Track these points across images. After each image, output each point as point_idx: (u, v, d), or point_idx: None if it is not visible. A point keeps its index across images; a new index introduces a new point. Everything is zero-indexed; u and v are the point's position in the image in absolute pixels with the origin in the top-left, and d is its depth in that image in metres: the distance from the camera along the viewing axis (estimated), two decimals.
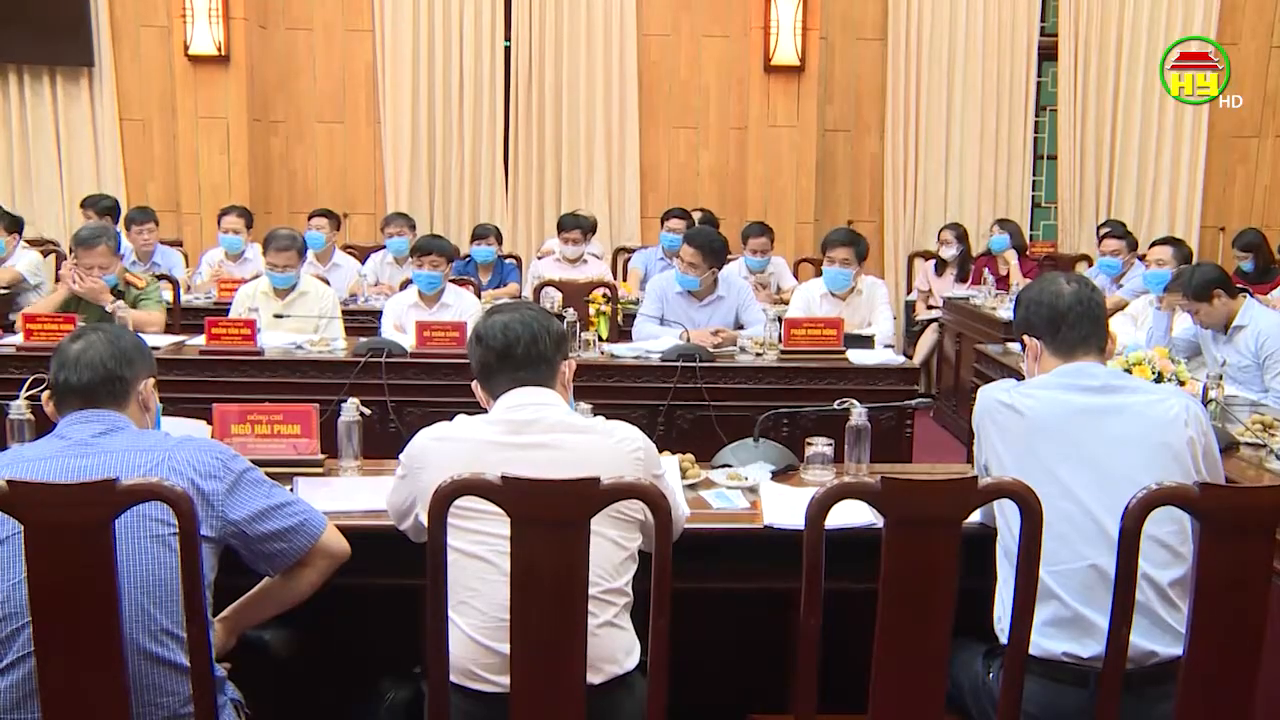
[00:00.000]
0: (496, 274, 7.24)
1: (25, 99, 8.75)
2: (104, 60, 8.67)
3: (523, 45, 8.84)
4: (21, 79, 8.72)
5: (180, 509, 1.93)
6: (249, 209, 7.61)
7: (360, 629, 2.90)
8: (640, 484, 2.01)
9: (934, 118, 8.90)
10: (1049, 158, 9.28)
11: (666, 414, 4.79)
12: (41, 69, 8.70)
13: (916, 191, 9.00)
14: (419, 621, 2.65)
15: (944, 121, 8.91)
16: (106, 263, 5.24)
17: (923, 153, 8.94)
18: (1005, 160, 8.98)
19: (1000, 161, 8.97)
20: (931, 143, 8.94)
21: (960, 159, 8.96)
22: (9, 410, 3.14)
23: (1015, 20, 8.80)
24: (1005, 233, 7.95)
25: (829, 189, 9.02)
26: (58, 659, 1.95)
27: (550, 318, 2.49)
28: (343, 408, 3.19)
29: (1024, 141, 8.98)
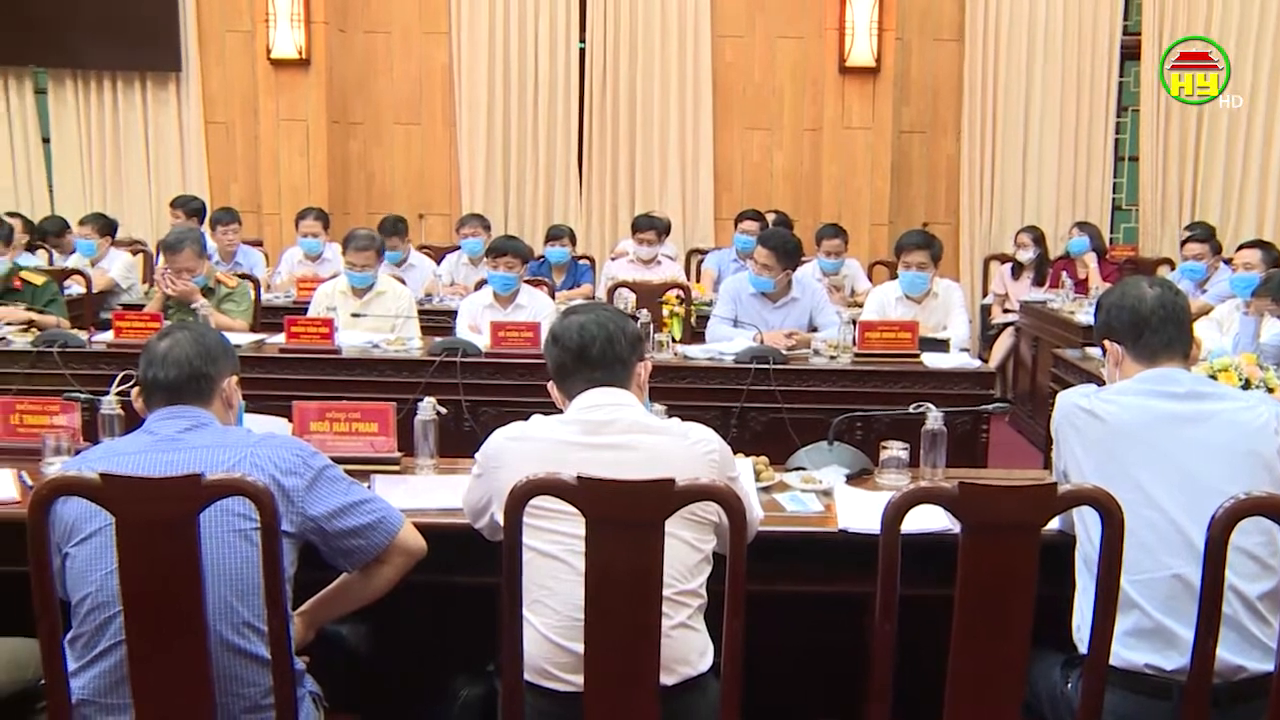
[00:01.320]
0: (570, 275, 7.27)
1: (118, 105, 9.02)
2: (191, 65, 8.89)
3: (597, 46, 8.88)
4: (115, 85, 8.99)
5: (262, 504, 1.97)
6: (327, 210, 7.72)
7: (435, 626, 2.93)
8: (715, 486, 2.00)
9: (1012, 118, 8.78)
10: (1130, 159, 9.10)
11: (739, 416, 4.77)
12: (133, 75, 8.96)
13: (993, 193, 8.89)
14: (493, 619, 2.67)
15: (1022, 122, 8.79)
16: (193, 265, 5.39)
17: (1000, 154, 8.83)
18: (1085, 161, 8.83)
19: (1080, 163, 8.83)
20: (1009, 144, 8.82)
21: (1038, 160, 8.83)
22: (100, 405, 3.21)
23: (1097, 19, 8.65)
24: (1085, 235, 7.80)
25: (903, 191, 8.94)
26: (146, 647, 2.00)
27: (626, 318, 2.49)
28: (419, 406, 3.22)
29: (1104, 142, 8.83)
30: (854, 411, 3.93)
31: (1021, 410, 7.32)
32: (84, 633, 2.12)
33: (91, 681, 2.11)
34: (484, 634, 2.74)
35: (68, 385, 4.34)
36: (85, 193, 9.12)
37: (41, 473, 2.99)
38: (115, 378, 3.31)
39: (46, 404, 3.33)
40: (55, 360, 4.81)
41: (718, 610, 2.04)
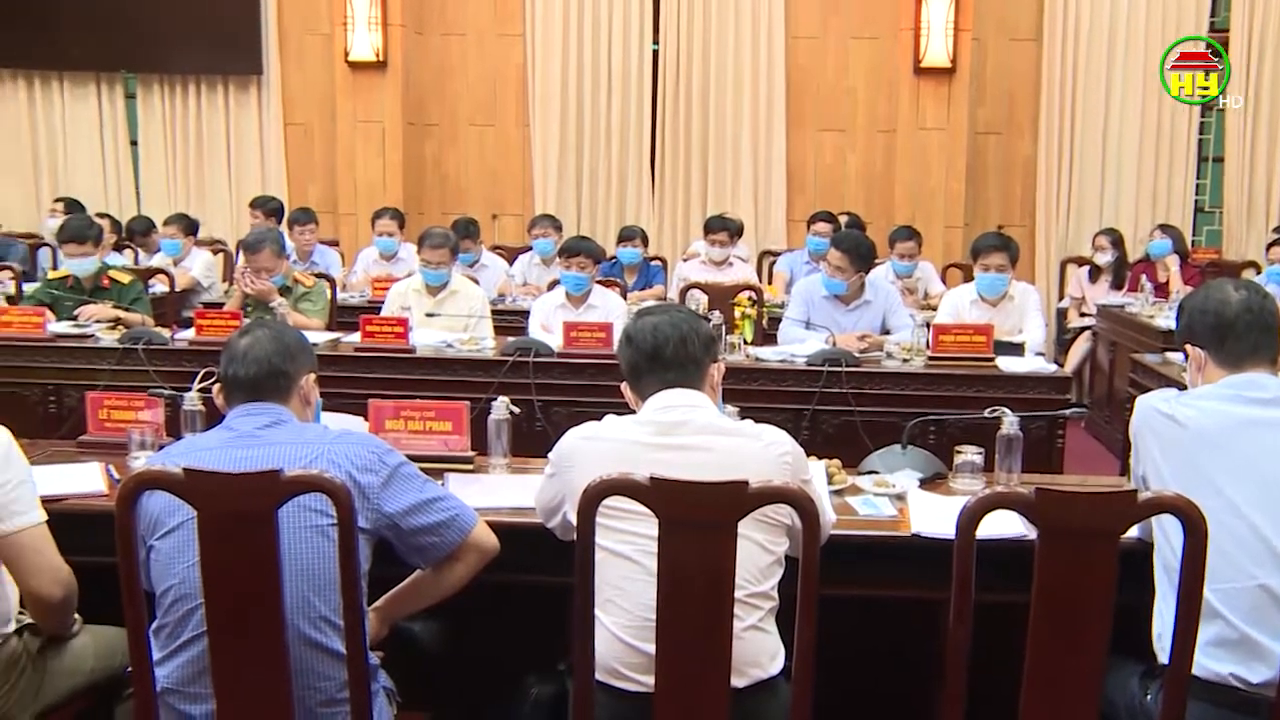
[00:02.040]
0: (642, 276, 7.28)
1: (202, 108, 9.25)
2: (271, 68, 9.08)
3: (671, 48, 8.90)
4: (199, 89, 9.21)
5: (339, 501, 2.00)
6: (402, 210, 7.81)
7: (506, 624, 2.94)
8: (788, 488, 2.00)
9: (1090, 119, 8.64)
10: (1215, 160, 8.90)
11: (811, 418, 4.75)
12: (216, 78, 9.17)
13: (1070, 195, 8.76)
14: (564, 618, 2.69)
15: (1101, 123, 8.64)
16: (272, 265, 5.50)
17: (1078, 155, 8.70)
18: (1167, 163, 8.67)
19: (1161, 164, 8.67)
20: (1087, 145, 8.69)
21: (1118, 162, 8.69)
22: (182, 401, 3.28)
23: (1181, 15, 8.48)
24: (1166, 238, 7.64)
25: (978, 192, 8.84)
26: (226, 639, 2.04)
27: (700, 320, 2.50)
28: (493, 406, 3.24)
29: (1187, 143, 8.66)
30: (927, 415, 3.89)
31: (1098, 416, 7.20)
32: (168, 623, 2.17)
33: (175, 671, 2.15)
34: (554, 633, 2.76)
35: (151, 381, 4.42)
36: (169, 193, 9.34)
37: (127, 466, 3.07)
38: (196, 374, 3.37)
39: (132, 399, 3.41)
40: (140, 357, 4.92)
41: (788, 613, 2.04)
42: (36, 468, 2.40)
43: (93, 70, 9.26)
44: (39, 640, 2.44)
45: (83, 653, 2.52)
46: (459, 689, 2.91)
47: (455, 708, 2.91)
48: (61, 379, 5.02)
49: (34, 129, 9.42)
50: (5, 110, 9.41)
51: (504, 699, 2.61)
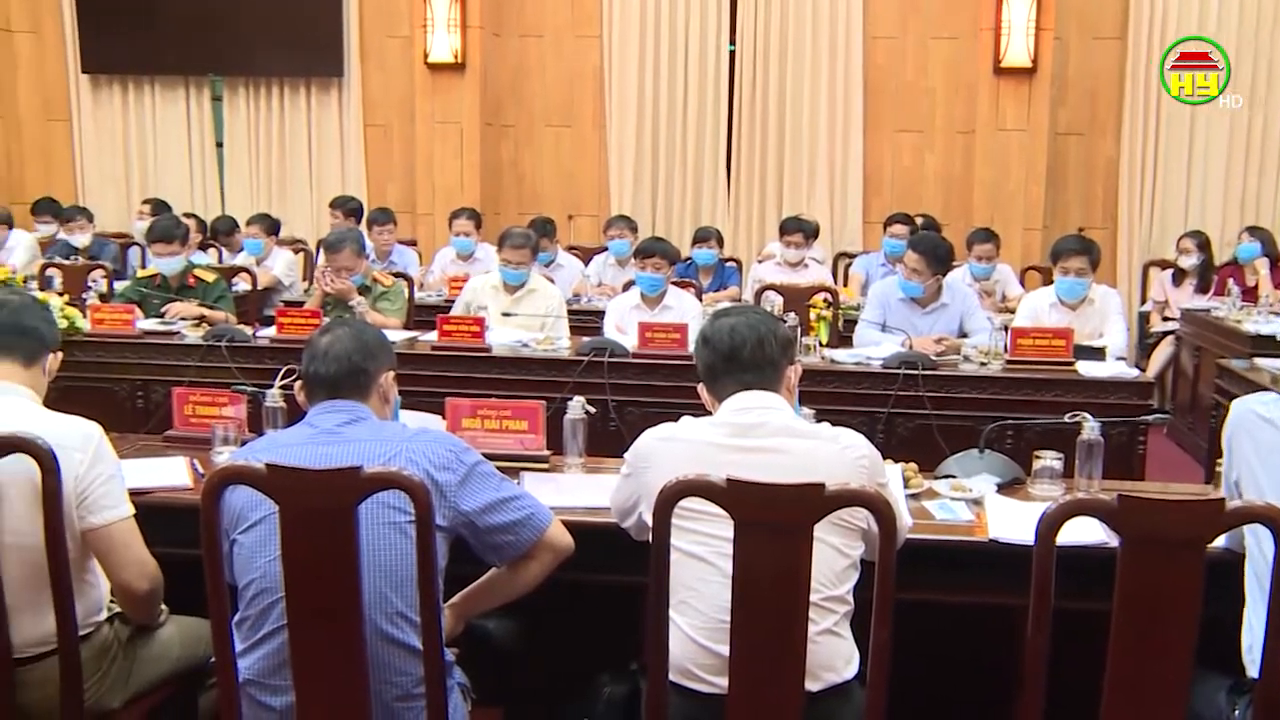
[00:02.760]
0: (717, 277, 7.28)
1: (284, 109, 9.41)
2: (352, 70, 9.21)
3: (747, 48, 8.88)
4: (282, 91, 9.37)
5: (417, 498, 2.02)
6: (479, 210, 7.87)
7: (580, 622, 2.96)
8: (865, 491, 1.99)
9: (1176, 119, 8.45)
10: None
11: (886, 421, 4.71)
12: (299, 80, 9.33)
13: (1155, 197, 8.58)
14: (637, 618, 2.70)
15: (1187, 123, 8.45)
16: (352, 264, 5.59)
17: (1163, 156, 8.51)
18: (1257, 164, 8.45)
19: (1251, 165, 8.45)
20: (1172, 146, 8.50)
21: (1204, 163, 8.49)
22: (264, 398, 3.34)
23: (1277, 14, 8.26)
24: (1255, 241, 7.46)
25: (1059, 194, 8.70)
26: (306, 633, 2.07)
27: (777, 321, 2.49)
28: (569, 405, 3.26)
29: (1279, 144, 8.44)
30: (1005, 419, 3.85)
31: (1181, 422, 7.05)
32: (249, 616, 2.20)
33: (256, 663, 2.19)
34: (627, 632, 2.77)
35: (234, 378, 4.51)
36: (252, 194, 9.53)
37: (211, 461, 3.14)
38: (278, 371, 3.42)
39: (216, 396, 3.48)
40: (223, 354, 5.03)
41: (863, 618, 2.02)
42: (125, 461, 2.46)
43: (182, 74, 9.49)
44: (129, 629, 2.50)
45: (169, 642, 2.59)
46: (532, 686, 2.93)
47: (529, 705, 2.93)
48: (149, 375, 5.14)
49: (127, 132, 9.68)
50: (101, 114, 9.69)
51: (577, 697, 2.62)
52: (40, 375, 2.49)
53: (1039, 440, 3.59)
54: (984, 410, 4.48)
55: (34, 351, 2.46)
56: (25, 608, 2.29)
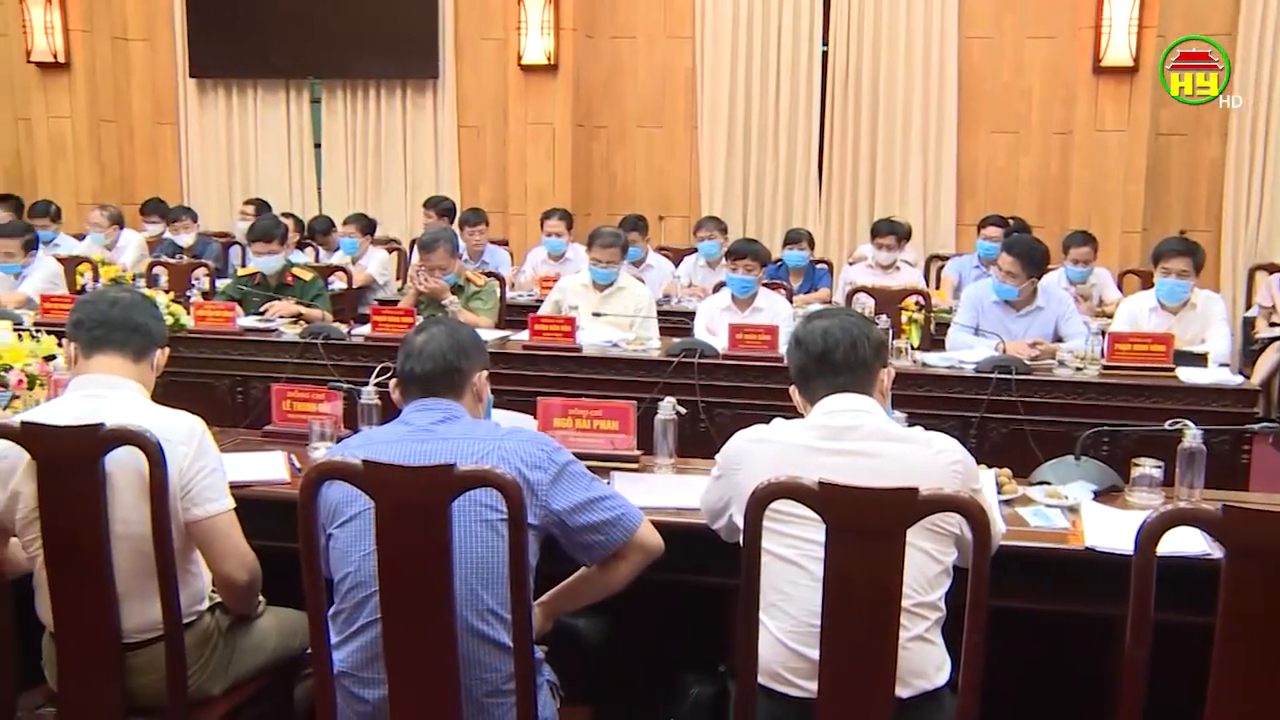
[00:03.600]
0: (808, 279, 7.24)
1: (381, 111, 9.59)
2: (447, 72, 9.36)
3: (840, 49, 8.83)
4: (379, 93, 9.54)
5: (510, 496, 2.04)
6: (570, 211, 7.93)
7: (668, 623, 2.96)
8: (959, 497, 1.97)
9: None
10: None
11: (978, 426, 4.65)
12: (395, 83, 9.51)
13: (1262, 198, 8.34)
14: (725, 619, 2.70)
15: None
16: (446, 264, 5.67)
17: (1271, 156, 8.27)
18: None
19: None
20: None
21: None
22: (360, 395, 3.40)
23: None
24: None
25: (1159, 196, 8.50)
26: (399, 627, 2.11)
27: (870, 324, 2.47)
28: (660, 406, 3.26)
29: None
30: (1103, 426, 3.78)
31: None
32: (344, 609, 2.24)
33: (350, 655, 2.23)
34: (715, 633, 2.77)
35: (329, 375, 4.60)
36: (349, 194, 9.72)
37: (308, 456, 3.19)
38: (372, 369, 3.49)
39: (313, 392, 3.56)
40: (319, 351, 5.12)
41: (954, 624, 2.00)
42: (225, 455, 2.52)
43: (283, 78, 9.73)
44: (228, 619, 2.56)
45: (266, 632, 2.64)
46: (620, 685, 2.94)
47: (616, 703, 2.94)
48: (248, 371, 5.25)
49: (230, 134, 9.97)
50: (206, 118, 9.99)
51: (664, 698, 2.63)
52: (149, 370, 2.56)
53: (1136, 448, 3.51)
54: (1079, 416, 4.41)
55: (143, 347, 2.53)
56: (134, 595, 2.36)
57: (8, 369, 3.44)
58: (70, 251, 7.55)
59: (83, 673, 2.39)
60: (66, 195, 9.43)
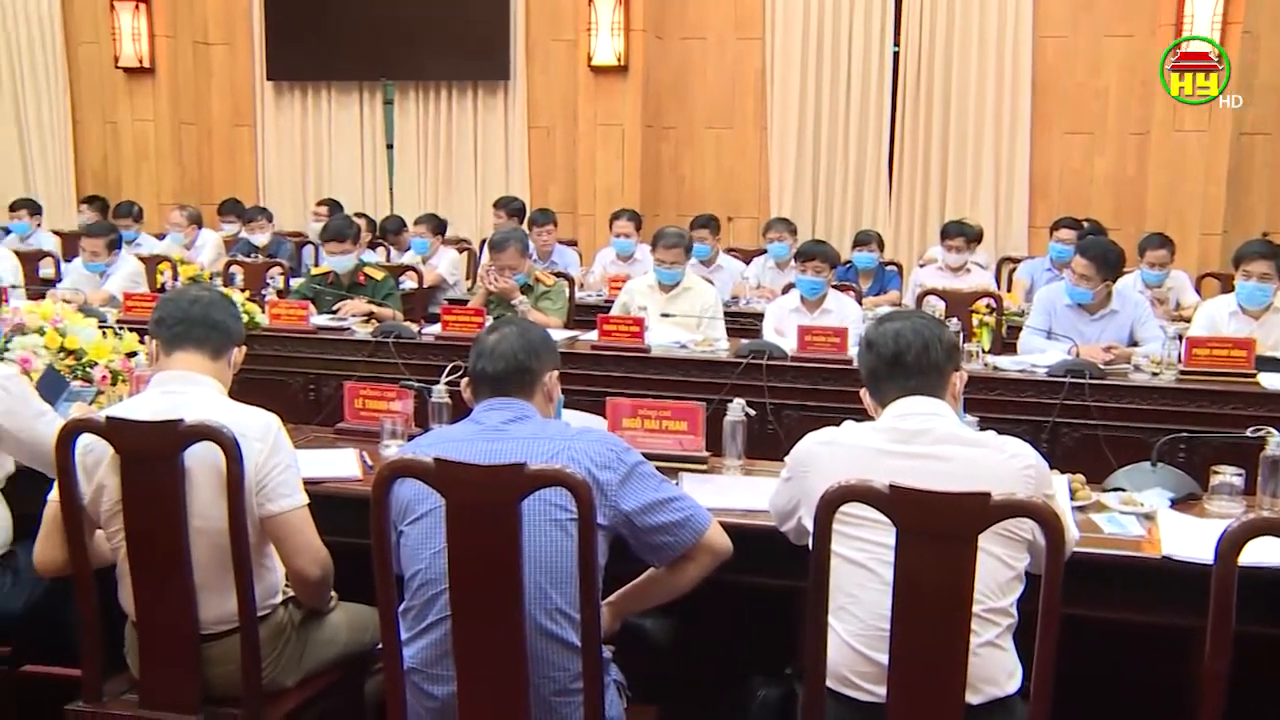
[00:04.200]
0: (877, 281, 7.19)
1: (452, 112, 9.72)
2: (518, 74, 9.44)
3: (912, 49, 8.76)
4: (450, 94, 9.64)
5: (580, 496, 2.04)
6: (639, 211, 7.94)
7: (735, 624, 2.96)
8: (1033, 502, 1.94)
9: None
10: None
11: (1050, 431, 4.58)
12: (466, 84, 9.62)
13: None
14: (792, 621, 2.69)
15: None
16: (516, 264, 5.70)
17: None
18: None
19: None
20: None
21: None
22: (431, 394, 3.44)
23: None
24: None
25: (1241, 198, 8.31)
26: (469, 625, 2.12)
27: (943, 327, 2.45)
28: (729, 407, 3.25)
29: None
30: (1180, 432, 3.71)
31: None
32: (414, 606, 2.26)
33: (420, 652, 2.24)
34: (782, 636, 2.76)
35: (400, 373, 4.65)
36: (420, 194, 9.83)
37: (379, 454, 3.24)
38: (441, 367, 3.51)
39: (385, 391, 3.59)
40: (390, 350, 5.17)
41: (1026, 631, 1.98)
42: (298, 452, 2.55)
43: (357, 80, 9.87)
44: (301, 613, 2.61)
45: (338, 627, 2.68)
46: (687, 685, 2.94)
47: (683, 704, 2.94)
48: (320, 369, 5.31)
49: (304, 135, 10.15)
50: (282, 119, 10.17)
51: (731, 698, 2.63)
52: (226, 368, 2.61)
53: (1215, 455, 3.45)
54: (1155, 422, 4.33)
55: (221, 345, 2.58)
56: (211, 587, 2.40)
57: (92, 365, 3.54)
58: (151, 251, 7.72)
59: (163, 661, 2.44)
60: (148, 196, 9.67)
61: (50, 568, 2.52)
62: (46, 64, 10.21)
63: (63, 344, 3.54)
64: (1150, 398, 4.55)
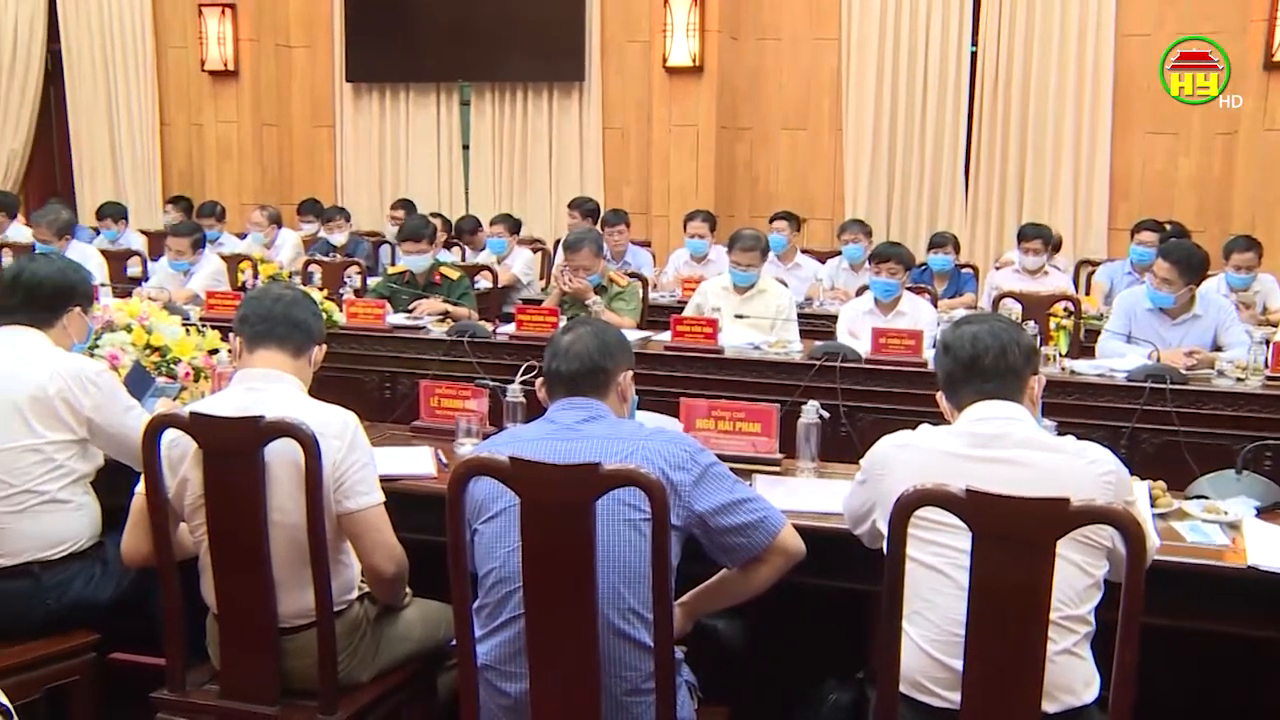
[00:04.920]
0: (953, 283, 7.11)
1: (528, 113, 9.79)
2: (593, 74, 9.48)
3: (990, 49, 8.66)
4: (526, 95, 9.75)
5: (654, 496, 2.04)
6: (713, 212, 7.93)
7: (807, 627, 2.95)
8: (1113, 509, 1.91)
9: None
10: None
11: (1129, 437, 4.49)
12: (542, 85, 9.69)
13: None
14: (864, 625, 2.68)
15: None
16: (590, 264, 5.73)
17: None
18: None
19: None
20: None
21: None
22: (505, 393, 3.46)
23: None
24: None
25: None
26: (542, 623, 2.14)
27: (1021, 330, 2.41)
28: (803, 409, 3.24)
29: None
30: (1266, 440, 3.62)
31: None
32: (488, 603, 2.28)
33: (493, 649, 2.27)
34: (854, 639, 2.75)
35: (474, 372, 4.69)
36: (495, 194, 9.92)
37: (454, 452, 3.27)
38: (516, 367, 3.55)
39: (460, 389, 3.63)
40: (465, 349, 5.21)
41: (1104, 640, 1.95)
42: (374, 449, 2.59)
43: (434, 81, 9.98)
44: (376, 608, 2.64)
45: (412, 623, 2.71)
46: (758, 687, 2.94)
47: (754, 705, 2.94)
48: (396, 367, 5.36)
49: (382, 136, 10.29)
50: (361, 120, 10.33)
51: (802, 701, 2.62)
52: (307, 366, 2.65)
53: None
54: (1240, 429, 4.24)
55: (303, 344, 2.63)
56: (289, 582, 2.45)
57: (176, 362, 3.61)
58: (232, 250, 7.86)
59: (242, 653, 2.49)
60: (230, 196, 9.88)
61: (136, 559, 2.59)
62: (138, 68, 10.47)
63: (148, 341, 3.63)
64: (1235, 403, 4.45)
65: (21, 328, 2.94)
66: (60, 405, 2.82)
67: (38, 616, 2.80)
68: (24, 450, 2.79)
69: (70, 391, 2.83)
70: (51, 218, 6.63)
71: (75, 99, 10.70)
